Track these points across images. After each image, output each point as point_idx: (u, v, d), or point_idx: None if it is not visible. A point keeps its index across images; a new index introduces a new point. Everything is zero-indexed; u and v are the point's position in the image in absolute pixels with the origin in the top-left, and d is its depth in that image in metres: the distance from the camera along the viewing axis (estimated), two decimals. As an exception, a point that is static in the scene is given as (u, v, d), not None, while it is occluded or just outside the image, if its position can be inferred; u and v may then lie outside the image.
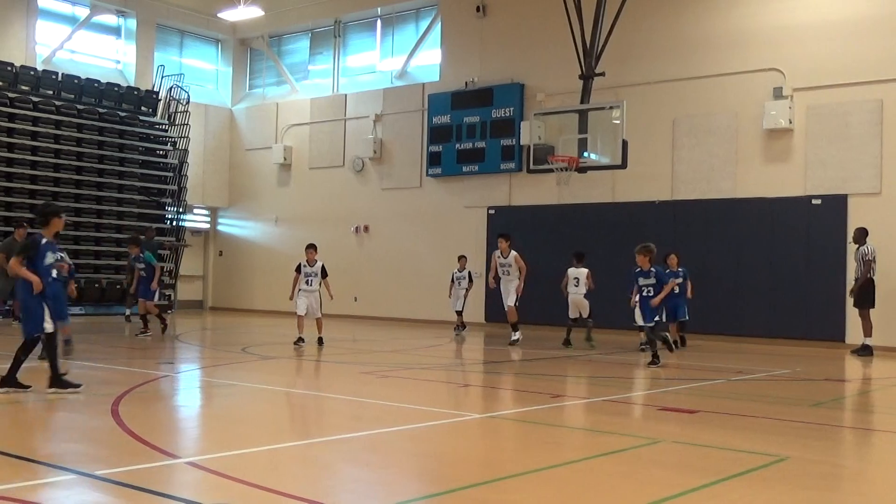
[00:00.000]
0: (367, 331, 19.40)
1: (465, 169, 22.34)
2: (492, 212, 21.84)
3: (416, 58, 24.62)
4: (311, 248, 15.47)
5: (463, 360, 14.31)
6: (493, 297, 18.45)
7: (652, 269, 12.36)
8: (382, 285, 23.79)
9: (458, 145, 22.41)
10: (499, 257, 15.78)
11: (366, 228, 24.51)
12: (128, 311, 20.02)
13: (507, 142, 21.57)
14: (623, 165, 16.44)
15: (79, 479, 5.03)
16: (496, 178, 21.94)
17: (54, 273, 8.43)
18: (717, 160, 18.75)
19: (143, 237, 20.13)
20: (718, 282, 18.03)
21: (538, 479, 5.40)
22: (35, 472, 5.20)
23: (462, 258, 19.19)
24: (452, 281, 18.71)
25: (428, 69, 24.09)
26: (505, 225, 21.51)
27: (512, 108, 21.54)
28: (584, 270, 15.55)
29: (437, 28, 23.82)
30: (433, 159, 22.95)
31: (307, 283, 14.96)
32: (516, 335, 15.72)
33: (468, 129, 22.22)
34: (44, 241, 8.37)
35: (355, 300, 23.95)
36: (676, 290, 14.42)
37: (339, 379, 10.09)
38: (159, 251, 21.47)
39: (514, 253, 15.49)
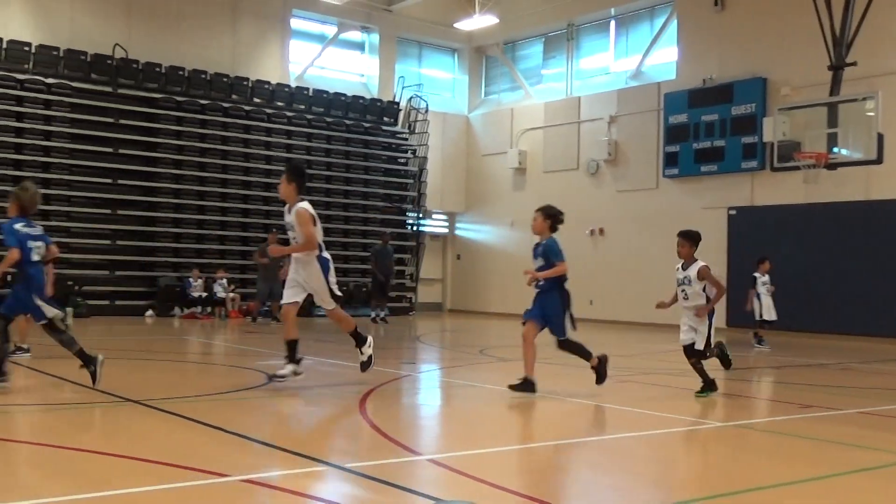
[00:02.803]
0: (603, 334, 19.22)
1: (703, 169, 21.64)
2: (732, 213, 21.01)
3: (651, 57, 24.15)
4: None
5: (705, 366, 13.83)
6: (737, 299, 17.69)
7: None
8: (618, 288, 23.49)
9: (695, 144, 21.75)
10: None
11: (601, 231, 24.32)
12: (373, 314, 20.95)
13: (748, 139, 20.69)
14: (878, 161, 15.32)
15: (331, 471, 5.34)
16: (737, 177, 21.10)
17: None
18: None
19: (379, 242, 21.12)
20: None
21: (786, 494, 5.14)
22: (291, 462, 5.57)
23: (764, 261, 15.87)
24: (754, 286, 15.83)
25: (663, 68, 23.56)
26: (747, 226, 20.66)
27: (753, 104, 20.63)
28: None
29: (673, 25, 23.24)
30: (670, 159, 22.41)
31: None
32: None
33: (706, 127, 21.51)
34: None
35: (591, 304, 23.81)
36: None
37: (575, 382, 10.06)
38: (396, 255, 22.39)
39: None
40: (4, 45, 20.92)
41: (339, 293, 9.17)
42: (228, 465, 5.33)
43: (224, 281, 21.36)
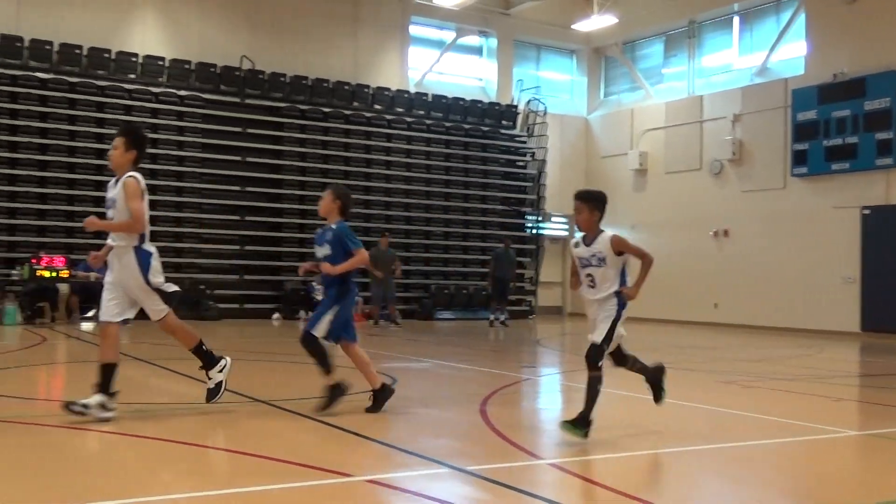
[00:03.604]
0: (728, 338, 18.73)
1: (834, 167, 20.84)
2: (866, 212, 20.14)
3: (777, 52, 23.40)
4: None
5: (835, 372, 13.32)
6: (872, 302, 16.92)
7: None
8: (744, 291, 22.83)
9: (826, 142, 20.96)
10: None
11: (725, 233, 23.69)
12: (492, 317, 21.03)
13: (882, 135, 19.80)
14: None
15: (451, 473, 5.39)
16: (871, 175, 20.22)
17: None
18: None
19: (500, 246, 21.17)
20: None
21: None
22: (413, 464, 5.64)
23: None
24: None
25: (790, 63, 22.80)
26: (882, 226, 19.79)
27: (888, 99, 19.75)
28: None
29: (801, 19, 22.47)
30: (798, 158, 21.66)
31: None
32: None
33: (837, 123, 20.70)
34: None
35: (715, 307, 23.25)
36: None
37: (698, 388, 9.85)
38: (519, 259, 22.38)
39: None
40: (140, 60, 21.94)
41: (171, 289, 7.22)
42: (352, 466, 5.44)
43: (346, 284, 21.72)
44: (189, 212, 21.66)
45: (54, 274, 17.83)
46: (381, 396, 7.63)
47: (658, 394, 7.37)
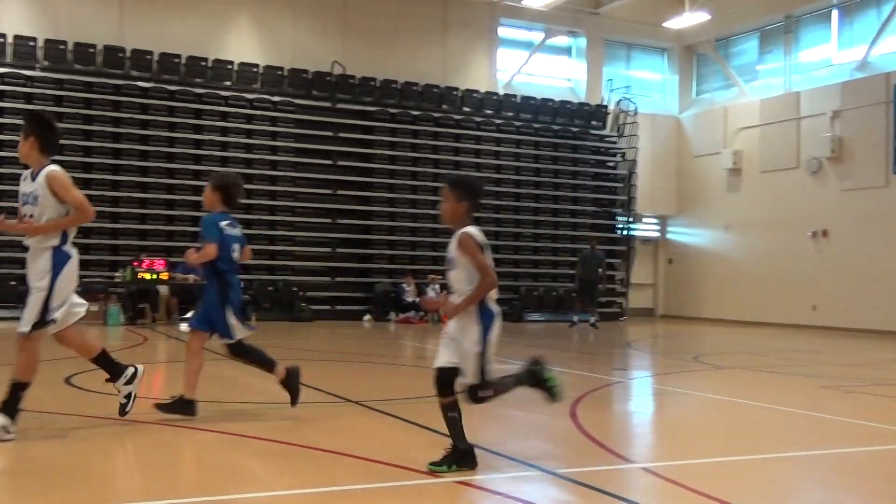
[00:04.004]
0: (827, 341, 18.17)
1: (941, 164, 20.03)
2: (976, 210, 19.33)
3: (878, 46, 22.61)
4: None
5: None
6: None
7: None
8: (844, 293, 22.11)
9: (931, 138, 20.16)
10: None
11: (824, 233, 22.99)
12: (576, 318, 20.96)
13: None
14: None
15: (541, 476, 5.37)
16: (981, 171, 19.37)
17: None
18: None
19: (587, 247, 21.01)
20: None
21: None
22: (502, 466, 5.65)
23: None
24: None
25: (892, 57, 22.02)
26: None
27: None
28: None
29: (904, 10, 21.67)
30: (901, 155, 20.89)
31: None
32: None
33: (944, 118, 19.88)
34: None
35: (813, 309, 22.59)
36: None
37: (796, 392, 9.59)
38: (607, 260, 22.19)
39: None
40: (236, 68, 22.50)
41: (51, 317, 5.95)
42: (442, 467, 5.47)
43: (437, 286, 21.90)
44: (282, 215, 22.12)
45: (155, 276, 18.41)
46: (179, 406, 6.80)
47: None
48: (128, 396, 6.51)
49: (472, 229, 5.62)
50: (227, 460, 5.69)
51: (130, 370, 6.56)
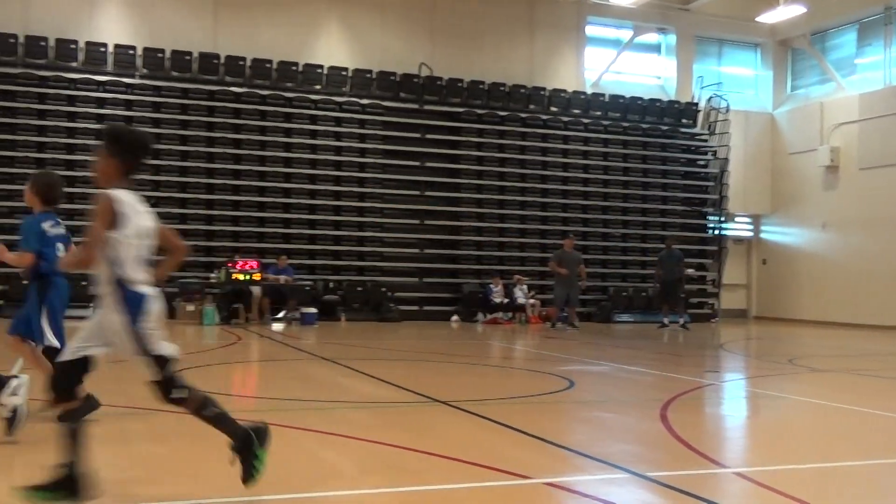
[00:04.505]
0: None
1: None
2: None
3: None
4: None
5: None
6: None
7: None
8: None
9: None
10: None
11: (926, 232, 22.15)
12: (665, 319, 20.66)
13: None
14: None
15: (631, 479, 5.31)
16: None
17: None
18: None
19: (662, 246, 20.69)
20: None
21: None
22: (591, 468, 5.60)
23: None
24: None
25: None
26: None
27: None
28: None
29: None
30: None
31: None
32: None
33: None
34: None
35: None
36: None
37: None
38: (697, 261, 21.81)
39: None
40: (325, 72, 22.84)
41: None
42: (531, 468, 5.46)
43: (524, 287, 21.86)
44: (371, 216, 22.37)
45: (248, 277, 18.81)
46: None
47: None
48: (13, 411, 5.87)
49: (118, 192, 4.40)
50: (317, 458, 5.79)
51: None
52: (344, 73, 23.03)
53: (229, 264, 18.83)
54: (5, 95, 20.01)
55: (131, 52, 21.20)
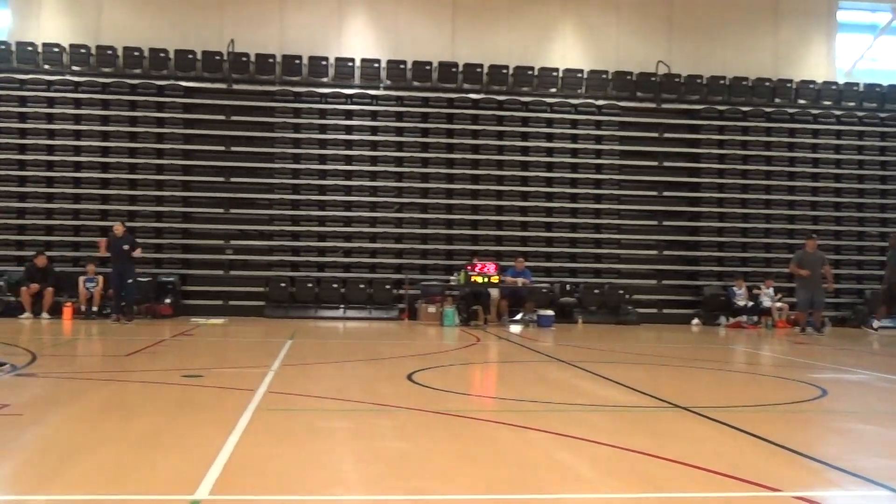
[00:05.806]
0: None
1: None
2: None
3: None
4: None
5: None
6: None
7: None
8: None
9: None
10: None
11: None
12: (876, 324, 19.27)
13: None
14: None
15: (892, 497, 4.93)
16: None
17: None
18: None
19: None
20: None
21: None
22: (847, 483, 5.24)
23: None
24: None
25: None
26: None
27: None
28: None
29: None
30: None
31: None
32: None
33: None
34: None
35: None
36: None
37: None
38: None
39: None
40: (560, 74, 22.88)
41: None
42: (780, 480, 5.19)
43: (771, 290, 20.87)
44: (607, 218, 22.18)
45: (486, 279, 19.19)
46: None
47: None
48: None
49: None
50: (553, 459, 5.79)
51: None
52: (579, 74, 22.98)
53: (468, 267, 19.29)
54: (265, 112, 21.64)
55: (376, 65, 22.24)
